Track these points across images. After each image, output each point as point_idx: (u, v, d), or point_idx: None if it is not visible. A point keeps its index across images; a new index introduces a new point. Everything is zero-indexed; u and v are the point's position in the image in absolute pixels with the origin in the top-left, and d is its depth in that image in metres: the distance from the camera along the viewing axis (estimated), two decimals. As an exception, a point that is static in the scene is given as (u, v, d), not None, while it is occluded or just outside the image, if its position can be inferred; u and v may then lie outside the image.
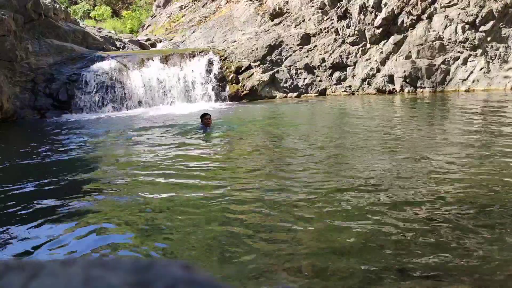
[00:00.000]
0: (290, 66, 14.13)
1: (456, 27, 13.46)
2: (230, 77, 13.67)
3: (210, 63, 13.59)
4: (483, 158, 5.45)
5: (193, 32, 19.21)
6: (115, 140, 8.04)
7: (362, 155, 5.91)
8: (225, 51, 14.35)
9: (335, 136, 7.62)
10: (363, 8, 14.12)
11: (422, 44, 13.66)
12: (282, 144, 7.04)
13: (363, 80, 13.87)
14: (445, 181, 4.57)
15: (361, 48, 14.17)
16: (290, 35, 14.66)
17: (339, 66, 14.11)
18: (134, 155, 6.47)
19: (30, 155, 6.74)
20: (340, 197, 4.20)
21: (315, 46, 14.41)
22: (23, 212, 4.18)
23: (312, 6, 14.93)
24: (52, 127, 9.67)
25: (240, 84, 13.71)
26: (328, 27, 14.49)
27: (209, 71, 13.45)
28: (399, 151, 6.04)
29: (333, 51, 14.19)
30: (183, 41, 18.62)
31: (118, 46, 16.41)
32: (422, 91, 13.42)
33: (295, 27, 15.03)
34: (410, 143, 6.59)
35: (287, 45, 14.48)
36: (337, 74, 14.08)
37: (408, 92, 13.44)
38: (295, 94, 13.86)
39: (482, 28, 13.33)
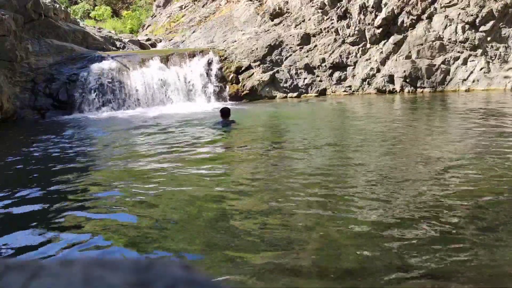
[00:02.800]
0: (290, 66, 14.13)
1: (456, 27, 13.46)
2: (230, 77, 13.67)
3: (210, 63, 13.59)
4: (484, 157, 5.45)
5: (193, 32, 19.21)
6: (115, 139, 8.03)
7: (362, 155, 5.91)
8: (225, 51, 14.34)
9: (336, 136, 7.62)
10: (363, 8, 14.12)
11: (422, 44, 13.66)
12: (284, 144, 7.03)
13: (363, 80, 13.87)
14: (446, 180, 4.57)
15: (361, 48, 14.17)
16: (290, 35, 14.66)
17: (339, 66, 14.11)
18: (135, 154, 6.47)
19: (30, 156, 6.74)
20: (340, 196, 4.20)
21: (315, 46, 14.41)
22: (22, 213, 4.18)
23: (312, 6, 14.93)
24: (52, 127, 9.67)
25: (240, 84, 13.71)
26: (328, 27, 14.49)
27: (209, 71, 13.45)
28: (400, 151, 6.04)
29: (333, 51, 14.19)
30: (183, 41, 18.62)
31: (118, 46, 16.41)
32: (422, 91, 13.42)
33: (295, 27, 15.03)
34: (411, 143, 6.59)
35: (287, 45, 14.48)
36: (337, 74, 14.08)
37: (408, 92, 13.44)
38: (295, 94, 13.85)
39: (482, 28, 13.33)
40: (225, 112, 8.43)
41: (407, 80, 13.54)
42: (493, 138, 6.57)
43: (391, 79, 13.68)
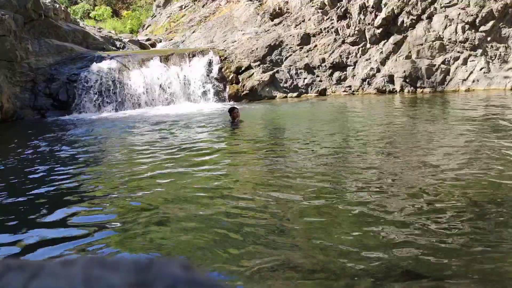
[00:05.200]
0: (290, 66, 14.13)
1: (456, 27, 13.45)
2: (230, 77, 13.67)
3: (210, 63, 13.59)
4: (484, 158, 5.45)
5: (193, 32, 19.20)
6: (115, 140, 8.04)
7: (362, 155, 5.91)
8: (225, 51, 14.34)
9: (335, 137, 7.61)
10: (363, 8, 14.12)
11: (422, 44, 13.65)
12: (284, 144, 7.03)
13: (363, 80, 13.86)
14: (446, 181, 4.57)
15: (361, 48, 14.16)
16: (290, 35, 14.65)
17: (339, 66, 14.11)
18: (135, 155, 6.47)
19: (29, 156, 6.74)
20: (340, 197, 4.20)
21: (315, 46, 14.40)
22: (23, 213, 4.18)
23: (312, 6, 14.93)
24: (52, 127, 9.67)
25: (240, 84, 13.71)
26: (328, 27, 14.48)
27: (209, 71, 13.45)
28: (400, 152, 6.04)
29: (333, 51, 14.19)
30: (183, 41, 18.61)
31: (118, 46, 16.40)
32: (422, 91, 13.42)
33: (295, 27, 15.02)
34: (411, 144, 6.59)
35: (287, 45, 14.47)
36: (337, 74, 14.07)
37: (408, 92, 13.44)
38: (295, 94, 13.85)
39: (482, 28, 13.32)
40: (230, 111, 8.60)
41: (407, 80, 13.54)
42: (492, 138, 6.57)
43: (391, 79, 13.68)
